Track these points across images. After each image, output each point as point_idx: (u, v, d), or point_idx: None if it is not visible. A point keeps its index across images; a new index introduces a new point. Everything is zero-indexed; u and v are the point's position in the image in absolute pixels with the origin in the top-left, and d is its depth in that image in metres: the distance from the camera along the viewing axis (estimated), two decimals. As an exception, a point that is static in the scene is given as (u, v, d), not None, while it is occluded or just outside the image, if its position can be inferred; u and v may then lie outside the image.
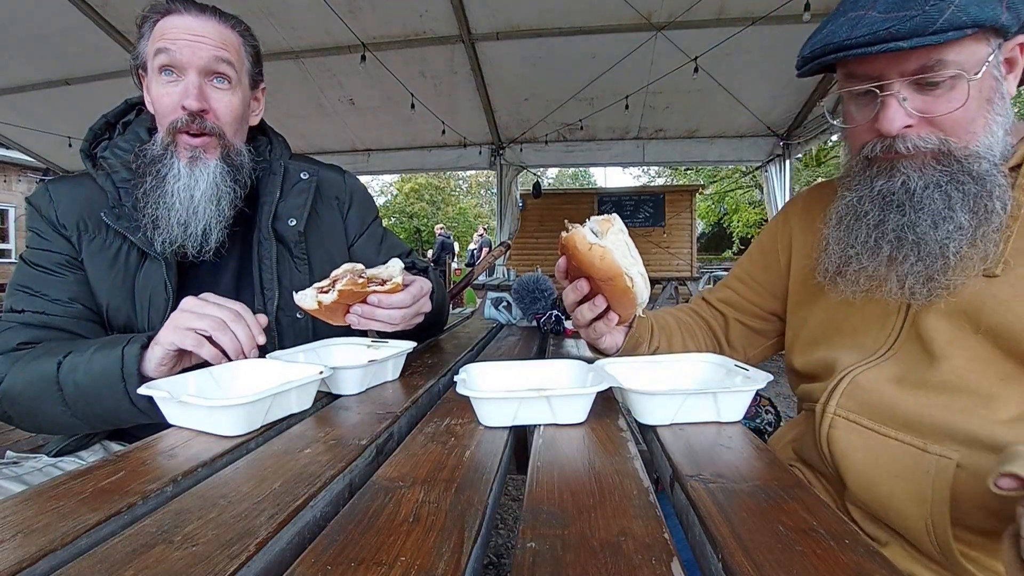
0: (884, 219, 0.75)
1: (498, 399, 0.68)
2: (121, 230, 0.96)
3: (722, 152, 6.16)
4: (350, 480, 0.55)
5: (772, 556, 0.39)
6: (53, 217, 0.96)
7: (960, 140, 0.71)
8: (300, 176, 1.14)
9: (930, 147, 0.71)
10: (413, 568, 0.37)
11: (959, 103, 0.69)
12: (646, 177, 24.67)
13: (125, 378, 0.79)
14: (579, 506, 0.47)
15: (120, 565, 0.38)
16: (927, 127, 0.71)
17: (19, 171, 12.51)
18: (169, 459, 0.57)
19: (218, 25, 0.98)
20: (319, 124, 5.96)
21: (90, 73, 4.85)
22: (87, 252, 0.97)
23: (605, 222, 0.73)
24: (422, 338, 1.24)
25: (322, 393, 0.82)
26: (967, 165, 0.70)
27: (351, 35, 4.42)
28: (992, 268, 0.69)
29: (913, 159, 0.72)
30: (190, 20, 0.95)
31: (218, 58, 0.96)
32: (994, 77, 0.70)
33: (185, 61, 0.94)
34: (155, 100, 0.97)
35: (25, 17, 4.14)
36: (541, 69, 4.96)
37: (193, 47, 0.94)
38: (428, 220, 24.20)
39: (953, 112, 0.69)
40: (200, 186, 0.97)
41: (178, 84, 0.95)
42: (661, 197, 11.00)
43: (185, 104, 0.94)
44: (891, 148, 0.73)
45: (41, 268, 0.95)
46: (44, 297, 0.94)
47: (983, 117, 0.71)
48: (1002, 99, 0.72)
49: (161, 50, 0.94)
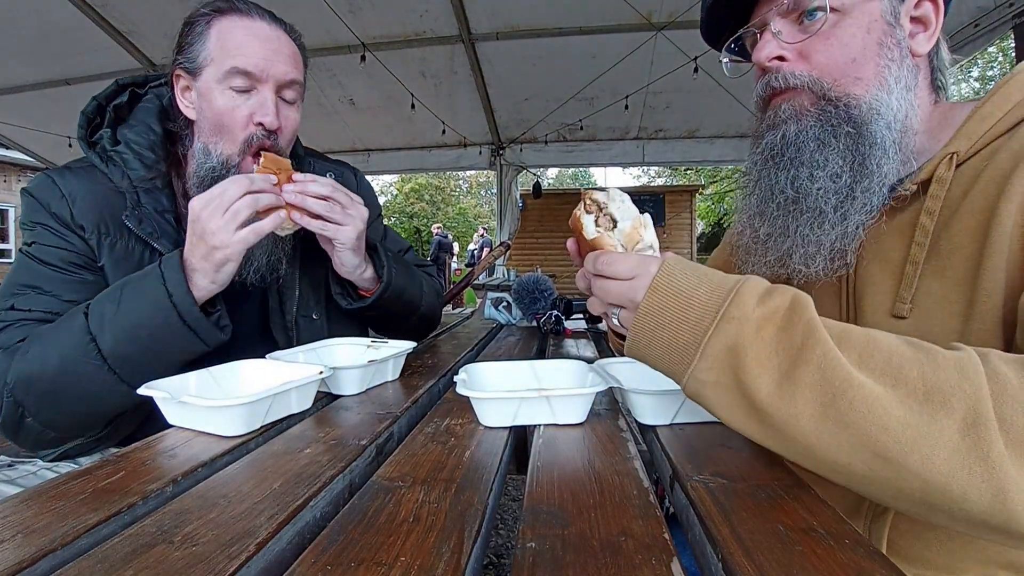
0: (774, 178, 0.71)
1: (498, 399, 0.68)
2: (144, 236, 0.90)
3: (722, 152, 6.15)
4: (350, 480, 0.55)
5: (772, 556, 0.39)
6: (67, 214, 0.88)
7: (838, 83, 0.66)
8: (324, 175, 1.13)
9: (801, 83, 0.67)
10: (413, 568, 0.37)
11: (837, 39, 0.65)
12: (646, 177, 24.68)
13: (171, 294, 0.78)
14: (579, 506, 0.47)
15: (120, 565, 0.38)
16: (802, 63, 0.68)
17: (19, 171, 12.51)
18: (169, 459, 0.57)
19: (288, 36, 0.94)
20: (319, 124, 5.95)
21: (90, 73, 4.85)
22: (110, 258, 0.90)
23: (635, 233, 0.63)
24: (417, 336, 1.23)
25: (322, 393, 0.82)
26: (842, 108, 0.66)
27: (351, 35, 4.41)
28: (900, 310, 0.65)
29: (790, 104, 0.69)
30: (264, 27, 0.90)
31: (293, 76, 0.93)
32: (887, 22, 0.65)
33: (263, 74, 0.89)
34: (221, 113, 0.90)
35: (25, 17, 4.14)
36: (541, 69, 4.95)
37: (270, 61, 0.89)
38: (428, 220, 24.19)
39: (830, 47, 0.65)
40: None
41: (251, 97, 0.90)
42: (661, 197, 11.02)
43: (264, 121, 0.90)
44: (767, 85, 0.70)
45: (52, 266, 0.88)
46: (57, 297, 0.86)
47: (873, 63, 0.65)
48: (898, 47, 0.66)
49: (234, 58, 0.88)
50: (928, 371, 0.45)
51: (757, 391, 0.47)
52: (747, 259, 0.76)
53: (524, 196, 8.04)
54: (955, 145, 0.63)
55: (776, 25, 0.68)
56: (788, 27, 0.68)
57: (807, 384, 0.46)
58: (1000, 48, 4.88)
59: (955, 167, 0.63)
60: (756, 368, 0.48)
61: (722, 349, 0.49)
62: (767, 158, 0.71)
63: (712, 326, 0.50)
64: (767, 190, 0.71)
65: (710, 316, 0.51)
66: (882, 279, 0.68)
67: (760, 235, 0.73)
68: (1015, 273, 0.56)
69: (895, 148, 0.66)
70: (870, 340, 0.48)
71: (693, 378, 0.51)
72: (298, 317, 1.05)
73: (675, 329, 0.52)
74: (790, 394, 0.46)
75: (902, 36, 0.66)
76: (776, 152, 0.70)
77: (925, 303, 0.63)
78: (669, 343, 0.53)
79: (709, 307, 0.51)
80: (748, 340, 0.48)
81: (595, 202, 0.65)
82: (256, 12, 0.91)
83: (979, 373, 0.44)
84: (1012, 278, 0.56)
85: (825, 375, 0.46)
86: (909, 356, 0.46)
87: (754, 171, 0.74)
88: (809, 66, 0.67)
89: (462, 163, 6.67)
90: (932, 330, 0.63)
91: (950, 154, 0.63)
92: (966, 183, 0.62)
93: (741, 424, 0.50)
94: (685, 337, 0.52)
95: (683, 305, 0.52)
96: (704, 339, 0.50)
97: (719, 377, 0.49)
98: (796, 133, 0.68)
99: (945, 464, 0.41)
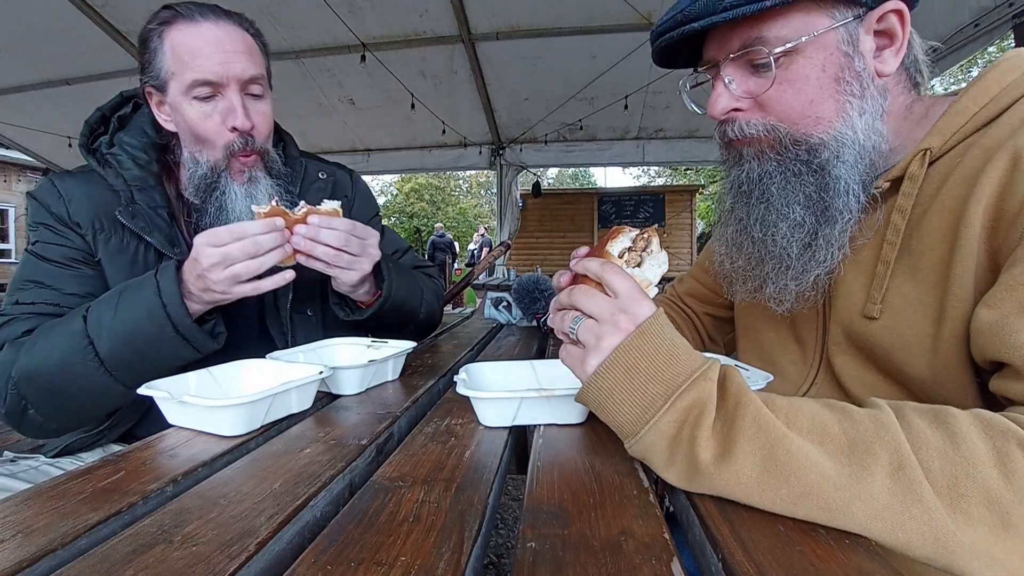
0: (745, 213, 0.69)
1: (498, 399, 0.68)
2: (137, 230, 0.92)
3: (722, 152, 6.15)
4: (350, 480, 0.55)
5: (772, 556, 0.39)
6: (64, 214, 0.92)
7: (795, 126, 0.63)
8: (318, 175, 1.14)
9: (756, 133, 0.65)
10: (413, 568, 0.37)
11: (791, 84, 0.62)
12: (646, 177, 24.67)
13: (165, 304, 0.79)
14: (579, 506, 0.47)
15: (120, 565, 0.38)
16: (757, 111, 0.65)
17: (19, 171, 12.51)
18: (169, 459, 0.57)
19: (237, 29, 0.92)
20: (319, 124, 5.95)
21: (90, 73, 4.85)
22: (105, 252, 0.93)
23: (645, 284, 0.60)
24: (417, 337, 1.23)
25: (322, 393, 0.82)
26: (803, 152, 0.63)
27: (351, 35, 4.42)
28: (870, 310, 0.64)
29: (750, 146, 0.67)
30: (212, 29, 0.89)
31: (254, 72, 0.91)
32: (844, 53, 0.61)
33: (222, 79, 0.88)
34: (194, 125, 0.91)
35: (25, 17, 4.14)
36: (541, 69, 4.96)
37: (227, 63, 0.88)
38: (428, 220, 24.19)
39: (783, 94, 0.62)
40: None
41: (218, 104, 0.90)
42: (661, 197, 11.03)
43: (236, 125, 0.90)
44: (724, 135, 0.68)
45: (54, 263, 0.91)
46: (59, 291, 0.90)
47: (832, 100, 0.62)
48: (858, 80, 0.62)
49: (191, 70, 0.87)
50: (848, 426, 0.46)
51: (704, 451, 0.47)
52: (729, 287, 0.76)
53: (524, 196, 8.04)
54: (928, 141, 0.61)
55: (727, 73, 0.65)
56: (739, 73, 0.65)
57: (746, 438, 0.46)
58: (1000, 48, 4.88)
59: (928, 164, 0.61)
60: (707, 431, 0.48)
61: (690, 403, 0.49)
62: (737, 192, 0.70)
63: (688, 382, 0.49)
64: (741, 223, 0.70)
65: (686, 373, 0.50)
66: (854, 278, 0.67)
67: (738, 266, 0.72)
68: (983, 277, 0.55)
69: (860, 185, 0.63)
70: (792, 404, 0.49)
71: (655, 430, 0.49)
72: (292, 313, 1.05)
73: (648, 379, 0.51)
74: (731, 452, 0.46)
75: (862, 67, 0.62)
76: (744, 189, 0.69)
77: (896, 304, 0.62)
78: (637, 390, 0.51)
79: (690, 364, 0.51)
80: (712, 401, 0.49)
81: (645, 240, 0.62)
82: (200, 13, 0.89)
83: (893, 423, 0.45)
84: (980, 284, 0.55)
85: (761, 428, 0.46)
86: (828, 416, 0.47)
87: (727, 200, 0.73)
88: (764, 114, 0.65)
89: (462, 163, 6.68)
90: (904, 333, 0.61)
91: (923, 151, 0.61)
92: (939, 180, 0.60)
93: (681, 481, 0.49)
94: (656, 388, 0.50)
95: (665, 356, 0.51)
96: (676, 393, 0.49)
97: (680, 431, 0.49)
98: (759, 175, 0.67)
99: (886, 511, 0.41)
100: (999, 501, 0.40)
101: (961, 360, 0.57)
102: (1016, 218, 0.52)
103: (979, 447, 0.42)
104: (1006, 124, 0.58)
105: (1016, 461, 0.41)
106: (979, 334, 0.52)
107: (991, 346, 0.51)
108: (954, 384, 0.58)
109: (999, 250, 0.54)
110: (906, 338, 0.61)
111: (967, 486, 0.41)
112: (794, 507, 0.44)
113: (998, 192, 0.54)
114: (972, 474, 0.41)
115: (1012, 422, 0.44)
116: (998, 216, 0.54)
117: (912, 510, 0.41)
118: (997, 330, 0.50)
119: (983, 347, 0.52)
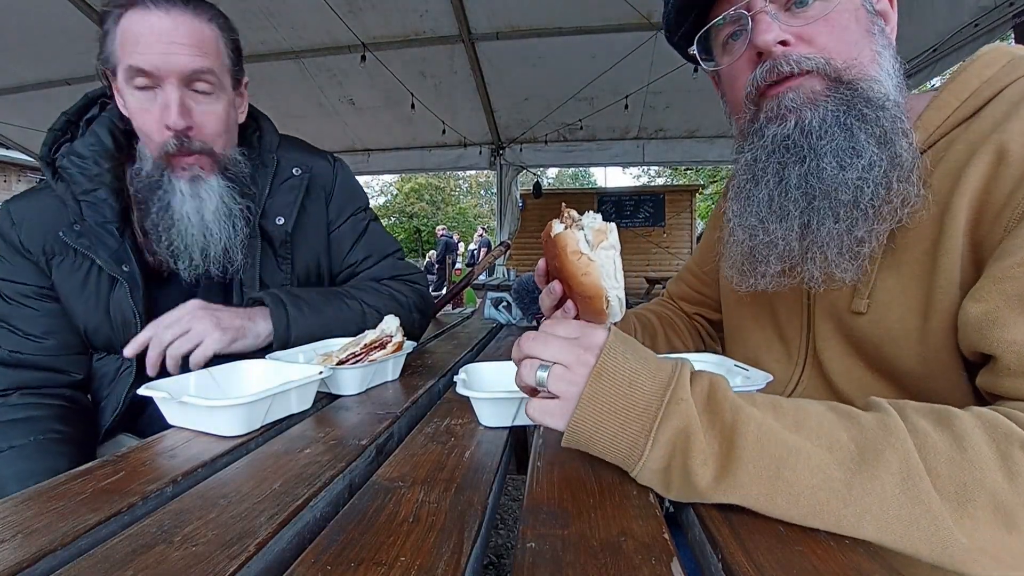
0: (785, 173, 0.63)
1: (498, 399, 0.68)
2: (83, 249, 0.88)
3: (722, 152, 6.15)
4: (350, 480, 0.55)
5: (772, 556, 0.39)
6: (16, 241, 0.89)
7: (846, 61, 0.61)
8: (292, 172, 1.06)
9: (813, 66, 0.61)
10: (413, 568, 0.37)
11: (836, 23, 0.61)
12: (646, 177, 24.68)
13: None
14: (579, 506, 0.47)
15: (120, 565, 0.38)
16: (805, 46, 0.62)
17: (19, 171, 12.52)
18: (169, 459, 0.57)
19: (192, 21, 0.85)
20: (319, 124, 5.95)
21: (90, 73, 4.83)
22: (58, 275, 0.90)
23: (600, 233, 0.60)
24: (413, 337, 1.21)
25: (322, 393, 0.82)
26: (861, 89, 0.60)
27: (351, 35, 4.41)
28: (857, 305, 0.63)
29: (797, 93, 0.62)
30: (162, 18, 0.83)
31: (198, 66, 0.85)
32: (867, 10, 0.63)
33: (160, 71, 0.83)
34: (134, 115, 0.87)
35: (25, 17, 4.14)
36: (541, 69, 4.95)
37: (167, 55, 0.82)
38: (428, 220, 24.19)
39: (832, 30, 0.61)
40: (209, 206, 0.90)
41: (155, 98, 0.85)
42: (661, 197, 11.02)
43: (169, 124, 0.84)
44: (773, 70, 0.62)
45: (9, 299, 0.89)
46: (16, 332, 0.87)
47: (868, 47, 0.61)
48: (883, 35, 0.62)
49: (130, 56, 0.82)
50: (856, 433, 0.45)
51: (701, 479, 0.45)
52: (752, 268, 0.70)
53: (524, 196, 8.03)
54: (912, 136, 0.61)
55: (771, 8, 0.62)
56: (779, 11, 0.63)
57: (749, 458, 0.44)
58: (1000, 48, 4.86)
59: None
60: (700, 456, 0.45)
61: (673, 434, 0.46)
62: (775, 151, 0.64)
63: (661, 411, 0.46)
64: (781, 186, 0.64)
65: (656, 399, 0.47)
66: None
67: (775, 238, 0.66)
68: (968, 270, 0.55)
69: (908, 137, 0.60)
70: (799, 407, 0.48)
71: (647, 468, 0.47)
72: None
73: (623, 420, 0.48)
74: (733, 474, 0.44)
75: (882, 25, 0.63)
76: (790, 144, 0.63)
77: (883, 298, 0.62)
78: (616, 435, 0.48)
79: (655, 386, 0.47)
80: (696, 423, 0.46)
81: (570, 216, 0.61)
82: (154, 2, 0.83)
83: (900, 428, 0.44)
84: (966, 277, 0.55)
85: (765, 448, 0.44)
86: (835, 420, 0.46)
87: (756, 168, 0.67)
88: (814, 49, 0.61)
89: (462, 163, 6.67)
90: (891, 327, 0.61)
91: None
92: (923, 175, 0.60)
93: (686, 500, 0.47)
94: (634, 426, 0.47)
95: (627, 388, 0.48)
96: (654, 427, 0.46)
97: (671, 462, 0.46)
98: (818, 120, 0.61)
99: (895, 523, 0.41)
100: (1004, 504, 0.41)
101: (950, 353, 0.57)
102: (1001, 212, 0.52)
103: (984, 451, 0.42)
104: (988, 118, 0.58)
105: (1020, 464, 0.41)
106: (966, 327, 0.52)
107: (978, 339, 0.51)
108: (944, 377, 0.58)
109: (982, 243, 0.54)
110: (894, 332, 0.61)
111: (974, 491, 0.41)
112: (802, 521, 0.43)
113: (983, 186, 0.54)
114: (979, 479, 0.41)
115: (1014, 422, 0.44)
116: (982, 209, 0.54)
117: (921, 521, 0.41)
118: (984, 323, 0.50)
119: (970, 340, 0.52)
